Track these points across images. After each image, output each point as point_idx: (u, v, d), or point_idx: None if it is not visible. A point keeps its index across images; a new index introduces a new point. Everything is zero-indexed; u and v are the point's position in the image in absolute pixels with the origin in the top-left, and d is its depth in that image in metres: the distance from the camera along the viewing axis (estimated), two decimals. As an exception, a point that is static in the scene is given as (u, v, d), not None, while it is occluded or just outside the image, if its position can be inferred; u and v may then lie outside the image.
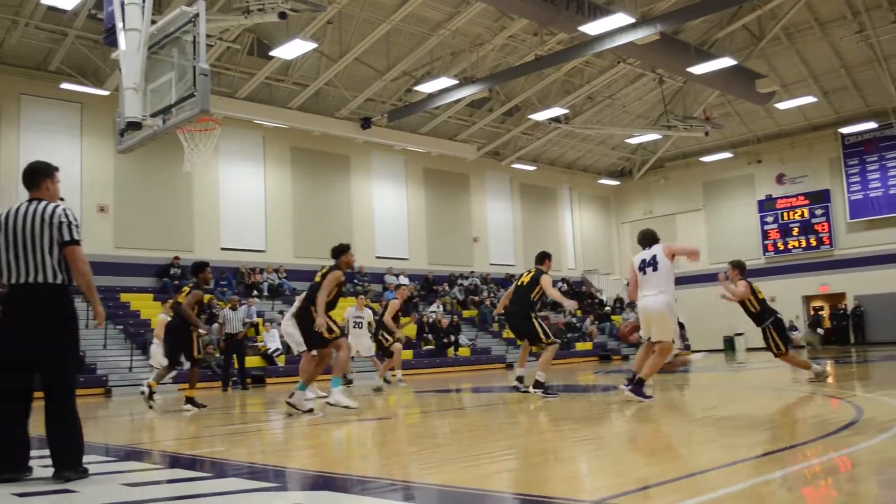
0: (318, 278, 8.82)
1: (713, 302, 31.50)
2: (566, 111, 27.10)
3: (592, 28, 18.91)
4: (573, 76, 26.12)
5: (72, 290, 4.91)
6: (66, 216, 4.88)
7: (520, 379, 11.01)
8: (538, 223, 33.10)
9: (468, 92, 22.68)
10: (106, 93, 20.10)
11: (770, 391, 10.88)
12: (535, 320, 10.28)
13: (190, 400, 10.72)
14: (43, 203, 4.91)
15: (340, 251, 9.05)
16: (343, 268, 8.91)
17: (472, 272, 29.39)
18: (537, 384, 10.26)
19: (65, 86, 20.06)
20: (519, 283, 10.60)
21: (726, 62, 21.83)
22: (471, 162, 29.73)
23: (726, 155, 32.02)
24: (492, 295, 28.30)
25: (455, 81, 22.42)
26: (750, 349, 30.27)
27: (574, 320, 29.08)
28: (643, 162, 34.43)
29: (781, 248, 31.58)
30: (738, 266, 11.26)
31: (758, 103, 27.25)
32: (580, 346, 27.41)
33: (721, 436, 6.05)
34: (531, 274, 10.54)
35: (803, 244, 31.12)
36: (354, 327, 14.19)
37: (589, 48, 20.53)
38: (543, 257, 10.77)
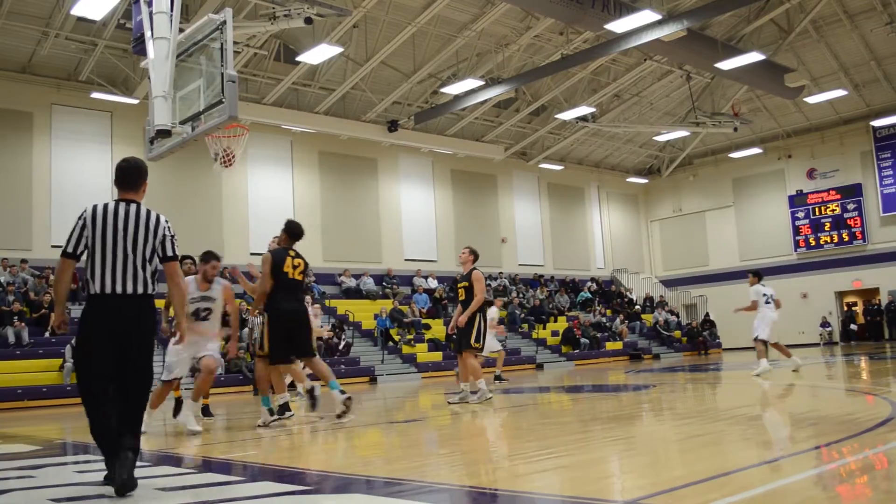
0: None
1: (744, 299, 31.23)
2: (593, 110, 26.94)
3: (619, 26, 18.75)
4: (599, 74, 25.99)
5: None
6: (169, 229, 4.67)
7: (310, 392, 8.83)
8: (566, 223, 32.96)
9: (494, 93, 22.62)
10: (135, 101, 20.34)
11: (803, 388, 10.75)
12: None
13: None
14: (144, 209, 4.63)
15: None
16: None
17: (501, 273, 29.33)
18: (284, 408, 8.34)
19: (95, 95, 20.31)
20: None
21: (754, 57, 21.54)
22: (498, 162, 29.69)
23: (756, 151, 31.65)
24: (520, 295, 28.23)
25: (481, 82, 22.38)
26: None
27: (604, 320, 28.92)
28: (671, 159, 34.14)
29: (813, 243, 31.14)
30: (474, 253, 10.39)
31: (787, 98, 26.92)
32: (610, 345, 27.24)
33: (755, 434, 5.99)
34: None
35: (835, 239, 30.66)
36: None
37: (615, 46, 20.39)
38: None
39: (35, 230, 19.76)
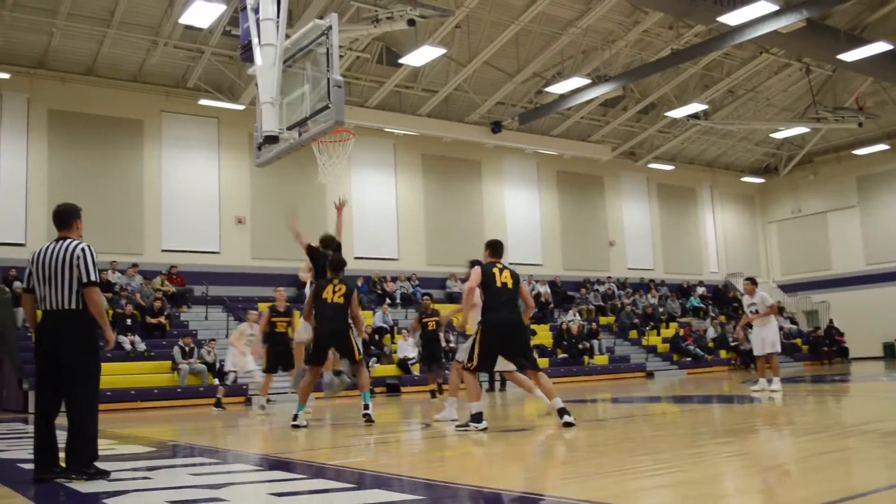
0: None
1: (870, 305, 29.45)
2: (705, 107, 26.01)
3: (732, 18, 18.05)
4: (712, 69, 25.06)
5: None
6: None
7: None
8: (677, 225, 31.94)
9: (601, 91, 22.15)
10: (241, 107, 20.84)
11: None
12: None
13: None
14: None
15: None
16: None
17: (609, 277, 28.67)
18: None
19: (202, 102, 20.96)
20: (503, 285, 7.90)
21: (881, 47, 20.35)
22: (605, 163, 29.05)
23: (883, 147, 29.82)
24: (631, 301, 27.47)
25: (587, 81, 21.94)
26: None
27: (718, 327, 27.78)
28: (790, 157, 32.58)
29: (948, 245, 29.04)
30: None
31: (918, 89, 25.30)
32: (725, 354, 26.17)
33: (889, 452, 5.51)
34: (509, 272, 7.98)
35: (974, 241, 28.50)
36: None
37: (729, 39, 19.61)
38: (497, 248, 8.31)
39: (146, 235, 20.52)
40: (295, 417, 8.82)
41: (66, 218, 5.48)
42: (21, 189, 19.08)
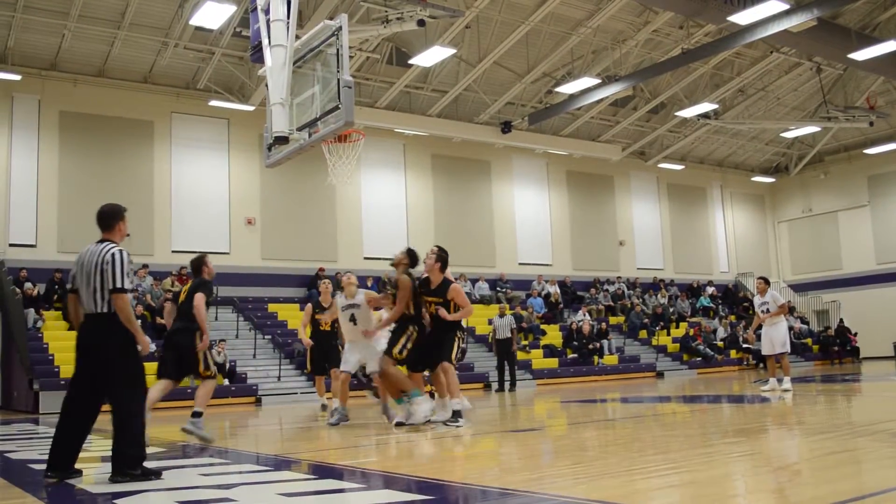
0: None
1: (881, 305, 29.25)
2: (715, 106, 25.90)
3: (743, 17, 17.97)
4: (722, 69, 24.97)
5: None
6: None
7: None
8: (687, 225, 31.85)
9: (611, 91, 22.10)
10: (251, 108, 20.88)
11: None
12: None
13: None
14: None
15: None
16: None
17: (619, 277, 28.60)
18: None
19: (213, 103, 21.00)
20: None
21: (892, 46, 20.20)
22: (615, 163, 28.97)
23: (894, 146, 29.59)
24: (640, 300, 27.43)
25: (597, 80, 21.89)
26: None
27: (728, 327, 27.70)
28: (800, 157, 32.45)
29: (960, 244, 28.84)
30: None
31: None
32: (735, 353, 26.09)
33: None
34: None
35: None
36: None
37: (739, 39, 19.51)
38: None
39: (157, 235, 20.57)
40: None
41: (106, 219, 5.38)
42: (32, 191, 19.16)
